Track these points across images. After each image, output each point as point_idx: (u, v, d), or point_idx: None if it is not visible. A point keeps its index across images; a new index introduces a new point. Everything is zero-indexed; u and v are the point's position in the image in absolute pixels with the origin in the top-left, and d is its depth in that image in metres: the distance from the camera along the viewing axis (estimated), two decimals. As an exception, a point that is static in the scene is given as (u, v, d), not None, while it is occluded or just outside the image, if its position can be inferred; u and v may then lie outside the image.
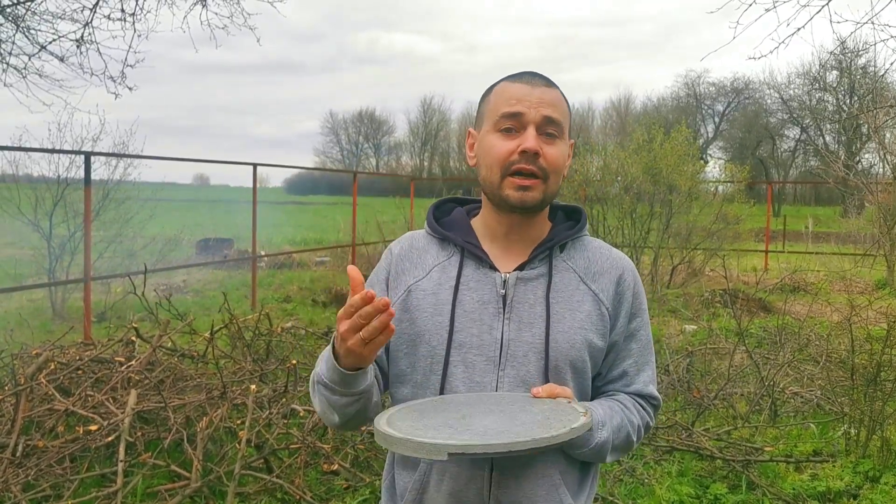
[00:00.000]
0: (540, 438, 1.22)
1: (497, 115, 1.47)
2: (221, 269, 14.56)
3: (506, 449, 1.20)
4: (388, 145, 67.81)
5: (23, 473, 3.69)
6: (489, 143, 1.48)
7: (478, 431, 1.24)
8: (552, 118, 1.46)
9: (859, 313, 5.64)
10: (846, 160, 19.56)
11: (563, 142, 1.50)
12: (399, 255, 1.57)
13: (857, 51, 11.31)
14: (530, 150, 1.43)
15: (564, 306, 1.48)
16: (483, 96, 1.56)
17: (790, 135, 47.03)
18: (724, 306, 9.33)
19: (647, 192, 12.07)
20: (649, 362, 1.58)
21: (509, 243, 1.53)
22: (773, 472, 4.35)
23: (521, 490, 1.44)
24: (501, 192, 1.47)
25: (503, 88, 1.49)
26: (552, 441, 1.23)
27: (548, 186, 1.47)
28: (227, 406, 4.16)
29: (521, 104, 1.45)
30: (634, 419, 1.53)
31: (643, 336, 1.57)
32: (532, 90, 1.46)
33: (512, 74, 1.52)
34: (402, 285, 1.53)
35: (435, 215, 1.61)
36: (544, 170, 1.45)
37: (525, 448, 1.21)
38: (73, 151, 10.23)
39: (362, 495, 4.00)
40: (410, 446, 1.22)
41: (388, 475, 1.57)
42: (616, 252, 1.59)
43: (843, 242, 17.30)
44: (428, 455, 1.20)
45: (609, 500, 3.94)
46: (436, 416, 1.33)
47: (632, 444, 1.54)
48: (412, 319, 1.49)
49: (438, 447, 1.20)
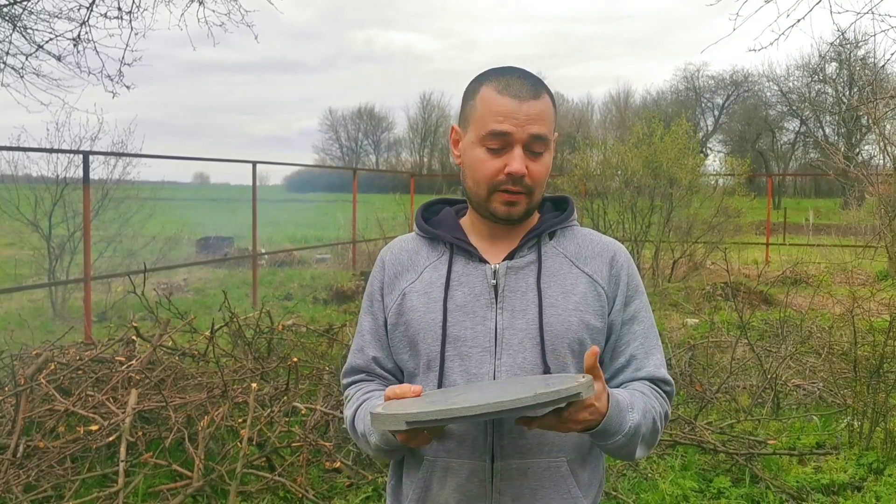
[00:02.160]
0: (493, 402, 1.17)
1: (484, 130, 1.45)
2: (222, 267, 14.55)
3: (458, 414, 1.17)
4: (387, 142, 67.72)
5: (24, 474, 3.68)
6: (476, 157, 1.48)
7: (459, 403, 1.22)
8: (539, 135, 1.45)
9: (861, 305, 5.63)
10: (846, 152, 19.54)
11: (549, 153, 1.50)
12: (391, 262, 1.60)
13: (857, 42, 11.27)
14: (517, 173, 1.44)
15: (557, 290, 1.48)
16: (468, 94, 1.53)
17: (790, 127, 47.00)
18: (725, 299, 9.31)
19: (647, 186, 12.06)
20: (657, 346, 1.55)
21: (496, 237, 1.55)
22: (777, 465, 4.34)
23: (527, 481, 1.44)
24: (489, 205, 1.49)
25: (490, 99, 1.46)
26: (508, 405, 1.16)
27: (532, 199, 1.50)
28: (228, 405, 4.15)
29: (509, 122, 1.44)
30: (656, 405, 1.48)
31: (645, 318, 1.55)
32: (520, 106, 1.44)
33: (498, 76, 1.48)
34: (397, 290, 1.55)
35: (424, 216, 1.63)
36: (529, 187, 1.47)
37: (476, 413, 1.17)
38: (72, 151, 10.21)
39: (365, 493, 3.99)
40: (378, 420, 1.24)
41: (394, 476, 1.58)
42: (606, 238, 1.60)
43: (843, 234, 17.27)
44: (390, 426, 1.21)
45: (612, 495, 3.93)
46: (439, 397, 1.33)
47: (657, 432, 1.48)
48: (408, 321, 1.52)
49: (398, 417, 1.20)
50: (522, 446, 1.44)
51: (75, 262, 10.28)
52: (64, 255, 10.31)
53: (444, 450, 1.47)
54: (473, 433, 1.44)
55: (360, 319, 1.62)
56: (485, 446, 1.44)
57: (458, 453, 1.45)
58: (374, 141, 67.55)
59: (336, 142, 67.34)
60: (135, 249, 12.00)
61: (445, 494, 1.46)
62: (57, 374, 4.48)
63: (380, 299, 1.58)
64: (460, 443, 1.45)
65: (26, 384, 4.16)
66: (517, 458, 1.43)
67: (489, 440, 1.44)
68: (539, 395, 1.18)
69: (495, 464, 1.43)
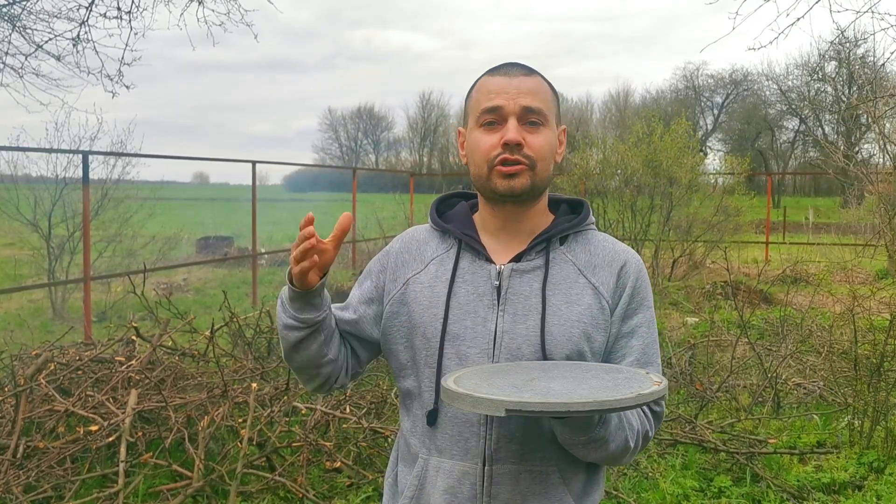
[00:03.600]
0: (602, 400, 1.18)
1: (479, 111, 1.48)
2: (222, 267, 14.54)
3: (564, 409, 1.18)
4: (387, 141, 67.71)
5: (24, 475, 3.68)
6: (475, 139, 1.49)
7: (540, 392, 1.22)
8: (532, 107, 1.45)
9: (862, 304, 5.62)
10: (846, 150, 19.52)
11: (549, 129, 1.48)
12: (399, 249, 1.59)
13: (856, 40, 11.25)
14: (512, 141, 1.43)
15: (562, 299, 1.45)
16: (467, 94, 1.56)
17: (789, 126, 46.93)
18: (725, 298, 9.31)
19: (647, 184, 12.06)
20: (653, 362, 1.48)
21: (507, 236, 1.52)
22: (778, 464, 4.34)
23: (518, 487, 1.42)
24: (490, 183, 1.47)
25: (483, 83, 1.50)
26: (615, 405, 1.19)
27: (536, 174, 1.46)
28: (228, 405, 4.14)
29: (500, 97, 1.45)
30: (634, 423, 1.42)
31: (645, 334, 1.49)
32: (510, 81, 1.46)
33: (492, 68, 1.52)
34: (402, 278, 1.54)
35: (439, 209, 1.62)
36: (530, 157, 1.45)
37: (585, 409, 1.18)
38: (71, 151, 10.21)
39: (365, 492, 3.98)
40: (470, 401, 1.22)
41: (392, 472, 1.58)
42: (622, 245, 1.55)
43: (843, 233, 17.28)
44: (486, 410, 1.20)
45: (613, 495, 3.93)
46: (504, 378, 1.32)
47: (628, 451, 1.41)
48: (409, 312, 1.51)
49: (496, 403, 1.19)
50: (515, 451, 1.42)
51: (75, 262, 10.27)
52: (63, 255, 10.31)
53: (436, 449, 1.46)
54: (466, 434, 1.43)
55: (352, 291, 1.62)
56: (477, 449, 1.42)
57: (451, 454, 1.44)
58: (373, 140, 67.53)
59: (335, 141, 67.33)
60: (134, 249, 11.99)
61: (437, 494, 1.44)
62: (57, 375, 4.47)
63: (374, 280, 1.58)
64: (453, 443, 1.44)
65: (26, 384, 4.16)
66: (510, 462, 1.42)
67: (482, 443, 1.42)
68: (642, 395, 1.22)
69: (487, 467, 1.42)
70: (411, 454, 1.51)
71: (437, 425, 1.46)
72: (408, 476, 1.50)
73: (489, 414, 1.21)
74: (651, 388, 1.25)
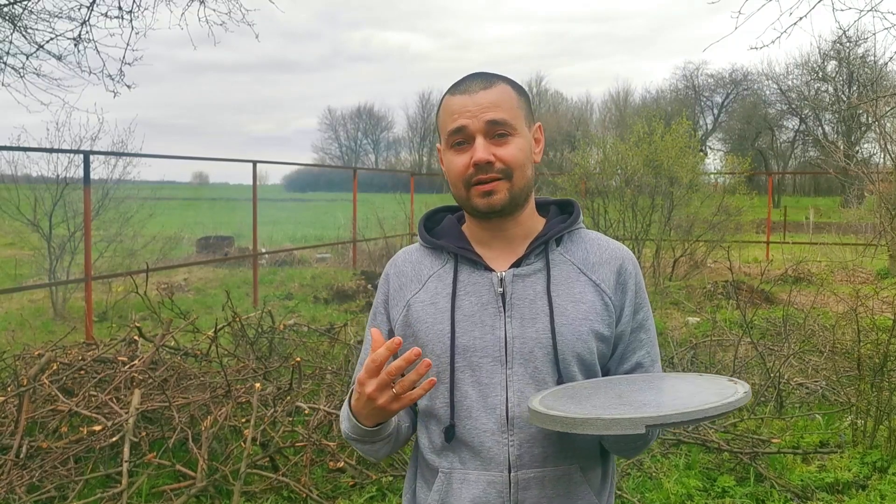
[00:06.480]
0: (727, 403, 1.22)
1: (446, 133, 1.48)
2: (222, 267, 14.54)
3: (702, 415, 1.20)
4: (386, 141, 67.77)
5: (27, 475, 3.68)
6: (448, 160, 1.50)
7: (653, 405, 1.24)
8: (496, 119, 1.45)
9: (864, 303, 5.62)
10: (846, 150, 19.52)
11: (519, 136, 1.48)
12: (395, 274, 1.59)
13: (856, 40, 11.25)
14: (481, 161, 1.44)
15: (566, 298, 1.47)
16: (436, 113, 1.58)
17: (789, 125, 46.93)
18: (726, 298, 9.31)
19: (647, 184, 12.05)
20: (658, 354, 1.58)
21: (501, 244, 1.53)
22: (781, 464, 4.33)
23: (544, 490, 1.43)
24: (471, 202, 1.48)
25: (446, 104, 1.50)
26: (735, 405, 1.23)
27: (513, 184, 1.47)
28: (231, 405, 4.14)
29: (463, 116, 1.45)
30: None
31: (650, 326, 1.56)
32: (471, 98, 1.46)
33: (453, 85, 1.52)
34: (402, 301, 1.54)
35: (426, 226, 1.62)
36: (504, 170, 1.45)
37: (716, 413, 1.21)
38: (72, 151, 10.20)
39: (369, 492, 3.98)
40: (601, 424, 1.20)
41: (410, 488, 1.58)
42: (614, 243, 1.58)
43: (844, 232, 17.27)
44: (624, 430, 1.18)
45: (617, 494, 3.92)
46: (593, 398, 1.31)
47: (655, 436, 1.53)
48: (415, 333, 1.50)
49: (634, 421, 1.18)
50: (538, 455, 1.43)
51: (76, 262, 10.27)
52: (64, 255, 10.30)
53: (458, 461, 1.46)
54: (488, 444, 1.43)
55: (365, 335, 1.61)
56: (501, 457, 1.43)
57: (474, 465, 1.44)
58: (373, 140, 67.61)
59: (335, 141, 67.43)
60: (135, 249, 11.99)
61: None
62: (59, 375, 4.46)
63: (384, 312, 1.57)
64: (475, 454, 1.44)
65: (29, 385, 4.15)
66: (534, 467, 1.43)
67: (505, 451, 1.43)
68: (746, 393, 1.27)
69: (513, 474, 1.42)
70: (430, 470, 1.50)
71: (456, 439, 1.46)
72: (427, 492, 1.50)
73: (627, 432, 1.19)
74: (737, 386, 1.30)
